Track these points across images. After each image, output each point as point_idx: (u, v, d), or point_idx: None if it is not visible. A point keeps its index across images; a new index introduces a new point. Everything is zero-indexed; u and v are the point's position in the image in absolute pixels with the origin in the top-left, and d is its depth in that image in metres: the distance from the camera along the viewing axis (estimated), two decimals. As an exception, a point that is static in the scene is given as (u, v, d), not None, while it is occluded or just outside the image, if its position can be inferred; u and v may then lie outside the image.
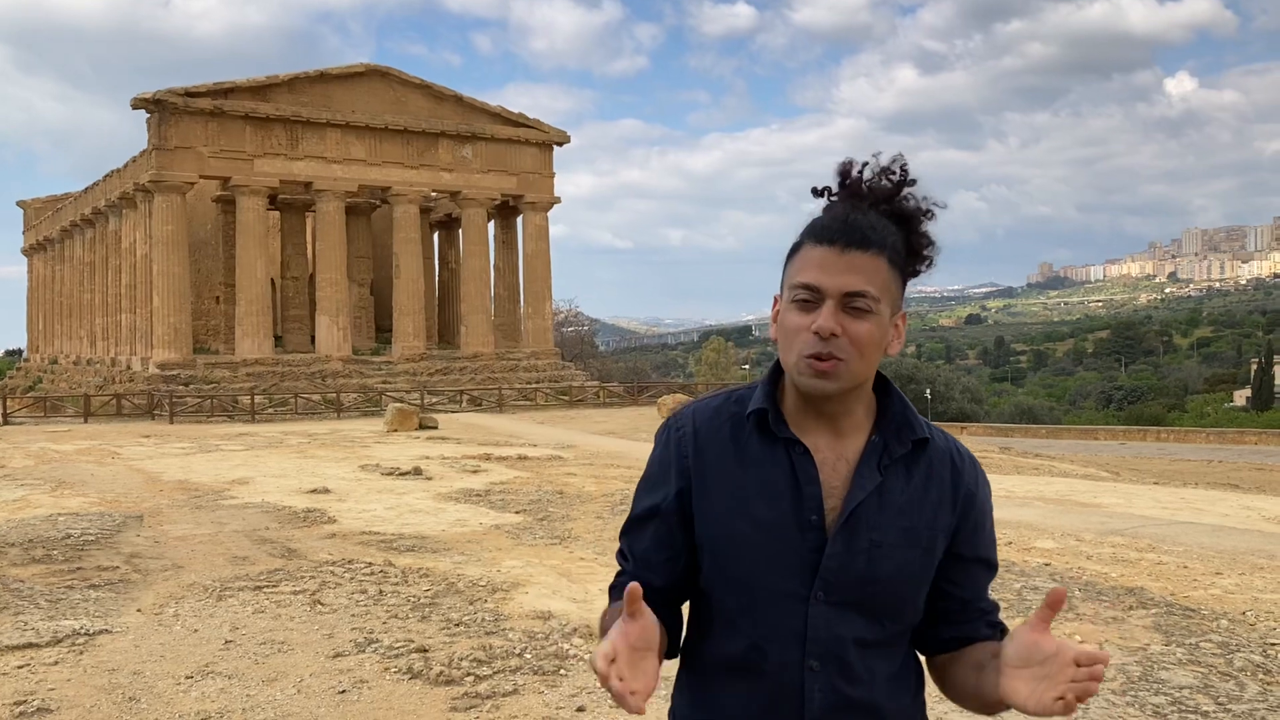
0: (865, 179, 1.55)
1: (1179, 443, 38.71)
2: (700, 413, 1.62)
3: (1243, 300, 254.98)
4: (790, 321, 1.52)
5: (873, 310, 1.49)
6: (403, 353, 44.59)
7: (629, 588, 1.36)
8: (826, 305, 1.48)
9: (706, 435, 1.59)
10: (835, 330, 1.47)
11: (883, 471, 1.54)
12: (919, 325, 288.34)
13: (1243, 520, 11.59)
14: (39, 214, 65.66)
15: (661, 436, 1.64)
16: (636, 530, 1.64)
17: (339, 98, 43.30)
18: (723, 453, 1.57)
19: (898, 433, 1.57)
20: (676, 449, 1.60)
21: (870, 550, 1.51)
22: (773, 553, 1.52)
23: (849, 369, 1.49)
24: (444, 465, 17.69)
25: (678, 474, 1.59)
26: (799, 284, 1.51)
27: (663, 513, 1.60)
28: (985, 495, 1.64)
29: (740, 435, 1.57)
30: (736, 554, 1.54)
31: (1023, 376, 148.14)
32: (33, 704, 5.10)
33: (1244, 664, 5.53)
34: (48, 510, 12.27)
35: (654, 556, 1.61)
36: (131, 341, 45.42)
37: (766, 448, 1.56)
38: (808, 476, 1.53)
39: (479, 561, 9.00)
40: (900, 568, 1.53)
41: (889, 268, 1.51)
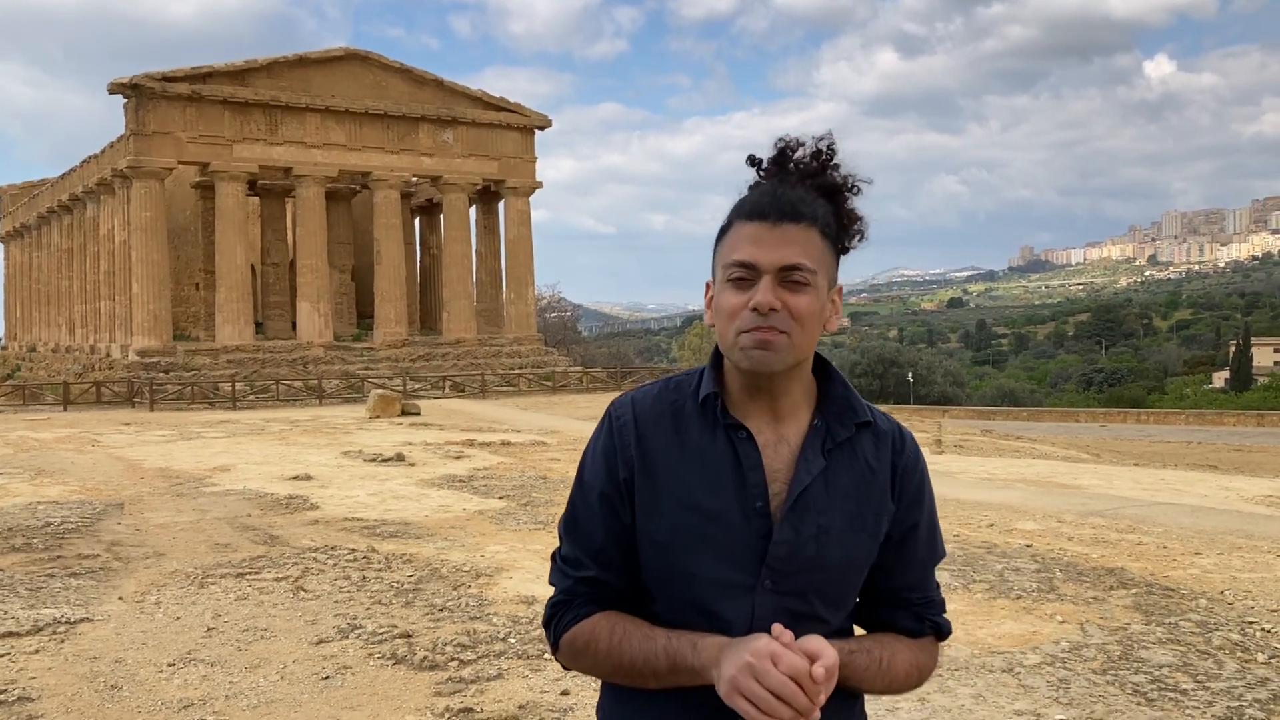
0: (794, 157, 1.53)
1: (1158, 424, 39.02)
2: (640, 401, 1.56)
3: (1222, 283, 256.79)
4: (727, 301, 1.48)
5: (810, 283, 1.47)
6: (385, 339, 44.42)
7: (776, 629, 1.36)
8: (764, 280, 1.45)
9: (647, 423, 1.53)
10: (775, 304, 1.45)
11: (827, 455, 1.51)
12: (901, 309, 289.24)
13: (1221, 501, 11.70)
14: (15, 200, 65.00)
15: (602, 426, 1.58)
16: (586, 526, 1.55)
17: (318, 82, 42.97)
18: (665, 441, 1.52)
19: (840, 416, 1.54)
20: (619, 438, 1.54)
21: (818, 536, 1.48)
22: (718, 542, 1.47)
23: (790, 342, 1.46)
24: (427, 451, 17.65)
25: (622, 464, 1.52)
26: (734, 262, 1.47)
27: (614, 504, 1.53)
28: (928, 481, 1.62)
29: (681, 423, 1.53)
30: (681, 545, 1.48)
31: (1004, 359, 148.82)
32: (13, 693, 5.07)
33: (1222, 642, 5.58)
34: (27, 499, 12.18)
35: (612, 553, 1.54)
36: (111, 329, 45.08)
37: (708, 434, 1.51)
38: (751, 462, 1.49)
39: (462, 547, 8.99)
40: (849, 554, 1.50)
41: (822, 240, 1.49)
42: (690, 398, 1.54)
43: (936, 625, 1.61)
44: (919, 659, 1.59)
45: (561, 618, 1.55)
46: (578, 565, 1.55)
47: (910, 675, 1.57)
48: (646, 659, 1.46)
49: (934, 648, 1.62)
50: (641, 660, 1.47)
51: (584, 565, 1.54)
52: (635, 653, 1.47)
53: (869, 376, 65.48)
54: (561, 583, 1.56)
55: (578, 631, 1.53)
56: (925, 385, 64.59)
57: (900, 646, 1.57)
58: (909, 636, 1.60)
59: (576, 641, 1.53)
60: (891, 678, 1.54)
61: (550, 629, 1.57)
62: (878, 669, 1.52)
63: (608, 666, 1.50)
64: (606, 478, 1.53)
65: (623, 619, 1.52)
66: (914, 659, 1.58)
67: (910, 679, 1.57)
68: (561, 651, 1.56)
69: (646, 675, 1.47)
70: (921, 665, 1.59)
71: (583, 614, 1.54)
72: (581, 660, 1.54)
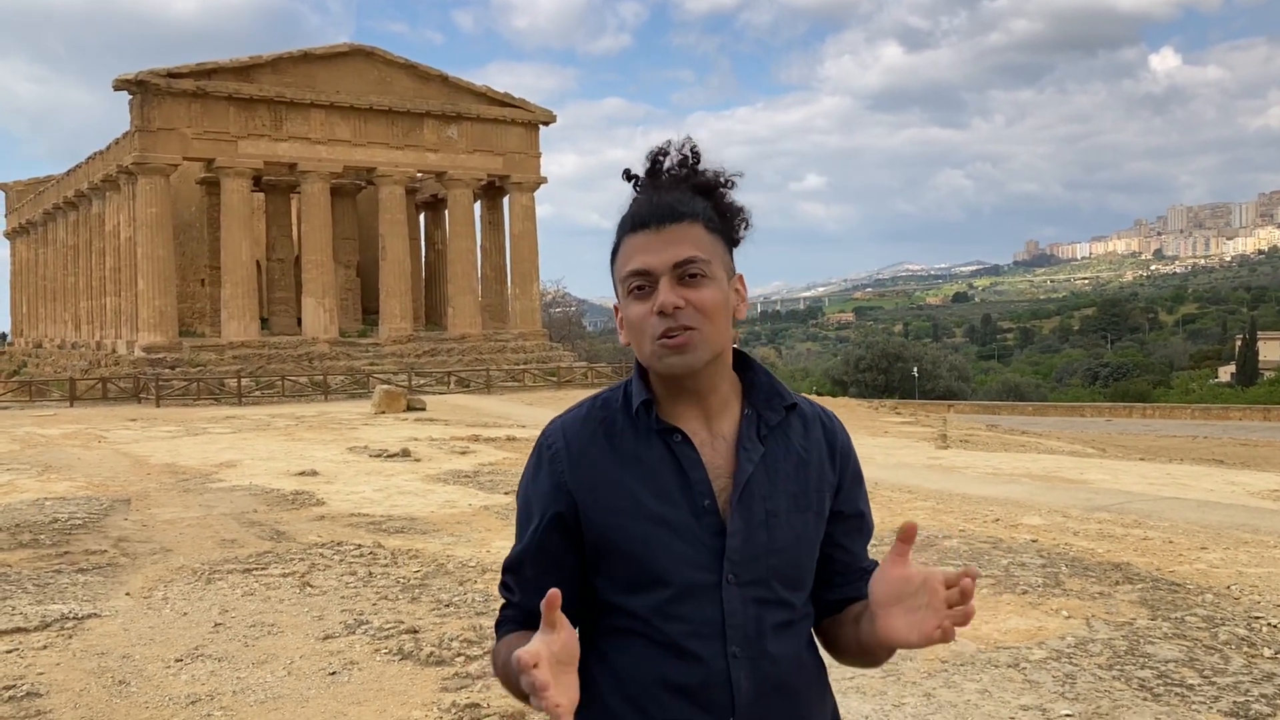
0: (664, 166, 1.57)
1: (1164, 419, 38.95)
2: (569, 425, 1.58)
3: (1228, 277, 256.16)
4: (632, 313, 1.51)
5: (707, 273, 1.49)
6: (390, 334, 44.47)
7: (549, 594, 1.32)
8: (661, 282, 1.48)
9: (580, 446, 1.54)
10: (677, 302, 1.47)
11: (763, 441, 1.55)
12: (906, 304, 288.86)
13: (1227, 495, 11.68)
14: (20, 197, 65.12)
15: (533, 459, 1.59)
16: (521, 558, 1.58)
17: (323, 78, 42.99)
18: (601, 459, 1.53)
19: (768, 401, 1.57)
20: (550, 466, 1.55)
21: (768, 521, 1.51)
22: (676, 547, 1.49)
23: (703, 336, 1.48)
24: (432, 447, 17.68)
25: (555, 491, 1.54)
26: (629, 273, 1.51)
27: (547, 536, 1.54)
28: (855, 454, 1.67)
29: (614, 438, 1.54)
30: (640, 556, 1.49)
31: (1009, 354, 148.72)
32: (22, 688, 5.09)
33: (1229, 637, 5.58)
34: (34, 495, 12.22)
35: (546, 582, 1.51)
36: (116, 325, 45.17)
37: (643, 443, 1.53)
38: (691, 462, 1.51)
39: (468, 542, 9.01)
40: (798, 535, 1.54)
41: (708, 233, 1.52)
42: (620, 411, 1.56)
43: None
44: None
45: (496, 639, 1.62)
46: (509, 591, 1.60)
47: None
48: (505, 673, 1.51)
49: None
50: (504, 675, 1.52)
51: (512, 592, 1.59)
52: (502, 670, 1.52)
53: (874, 371, 65.43)
54: (502, 608, 1.62)
55: (493, 653, 1.60)
56: (930, 380, 64.52)
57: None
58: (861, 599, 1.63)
59: (493, 662, 1.60)
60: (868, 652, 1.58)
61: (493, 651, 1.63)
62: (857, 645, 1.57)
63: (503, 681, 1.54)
64: (540, 511, 1.55)
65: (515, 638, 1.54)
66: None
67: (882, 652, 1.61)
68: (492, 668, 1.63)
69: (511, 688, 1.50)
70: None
71: (502, 635, 1.59)
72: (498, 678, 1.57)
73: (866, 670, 5.09)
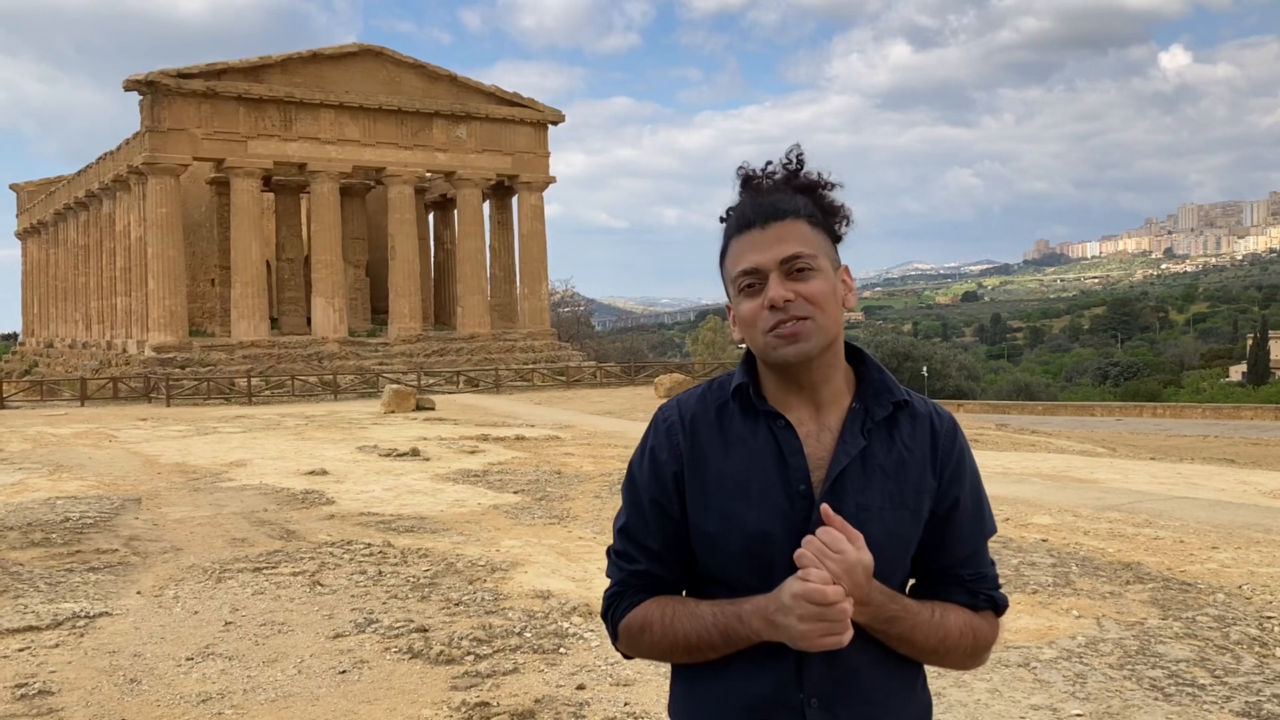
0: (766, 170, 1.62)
1: (1175, 418, 38.79)
2: (685, 402, 1.65)
3: (1239, 275, 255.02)
4: (745, 310, 1.57)
5: (815, 267, 1.55)
6: (399, 334, 44.53)
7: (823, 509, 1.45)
8: (771, 278, 1.54)
9: (694, 421, 1.61)
10: (788, 295, 1.52)
11: (866, 435, 1.57)
12: (915, 303, 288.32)
13: (1239, 495, 11.63)
14: (32, 197, 65.37)
15: (650, 430, 1.66)
16: (639, 524, 1.63)
17: (332, 78, 43.07)
18: (710, 437, 1.60)
19: (877, 397, 1.60)
20: (668, 438, 1.62)
21: (858, 514, 1.52)
22: (767, 527, 1.53)
23: (816, 326, 1.53)
24: (441, 446, 17.70)
25: (672, 459, 1.60)
26: (740, 273, 1.57)
27: (665, 503, 1.61)
28: (969, 456, 1.65)
29: (724, 419, 1.61)
30: (734, 534, 1.54)
31: (1019, 353, 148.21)
32: (34, 686, 5.11)
33: (1240, 637, 5.56)
34: (46, 494, 12.27)
35: (665, 550, 1.62)
36: (127, 324, 45.32)
37: (749, 426, 1.59)
38: (792, 448, 1.56)
39: (478, 541, 9.02)
40: (890, 531, 1.55)
41: (812, 228, 1.57)
42: (731, 395, 1.62)
43: (992, 599, 1.64)
44: (973, 621, 1.61)
45: (616, 607, 1.64)
46: (630, 559, 1.63)
47: (965, 635, 1.59)
48: (700, 634, 1.54)
49: (994, 620, 1.65)
50: (695, 637, 1.54)
51: (635, 559, 1.63)
52: (688, 630, 1.55)
53: (883, 371, 65.26)
54: (616, 575, 1.65)
55: (632, 618, 1.61)
56: (940, 379, 64.38)
57: (952, 608, 1.60)
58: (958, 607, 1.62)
59: (632, 628, 1.61)
60: (945, 632, 1.56)
61: (607, 619, 1.66)
62: (930, 617, 1.56)
63: (664, 647, 1.58)
64: (654, 479, 1.61)
65: (672, 601, 1.60)
66: (967, 620, 1.60)
67: (965, 640, 1.59)
68: (620, 639, 1.64)
69: (704, 649, 1.55)
70: (977, 629, 1.61)
71: (635, 601, 1.62)
72: (639, 645, 1.61)
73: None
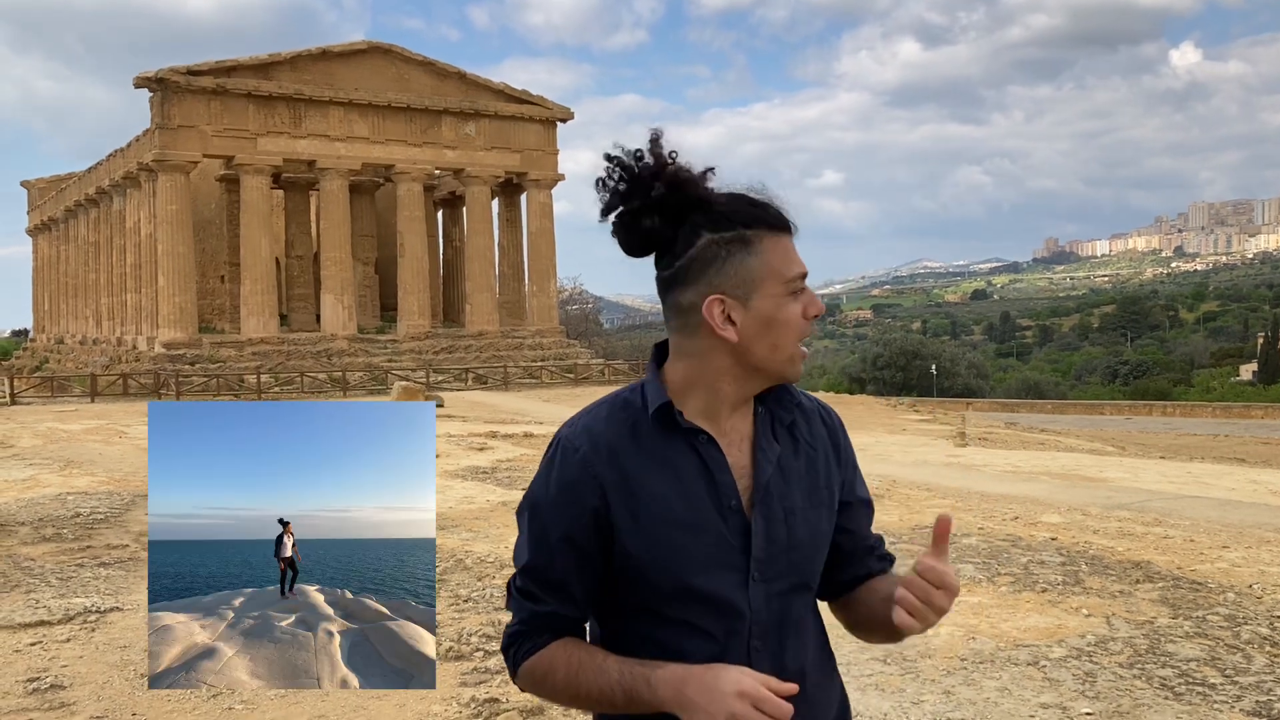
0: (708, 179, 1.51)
1: (1185, 417, 38.69)
2: (593, 427, 1.53)
3: (1249, 274, 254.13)
4: (793, 314, 1.50)
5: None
6: (408, 331, 44.61)
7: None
8: (808, 290, 1.52)
9: (612, 449, 1.50)
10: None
11: (778, 440, 1.57)
12: (924, 301, 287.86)
13: (1249, 494, 11.60)
14: (43, 194, 65.65)
15: (553, 458, 1.53)
16: (546, 563, 1.52)
17: (341, 75, 43.16)
18: (632, 461, 1.50)
19: (779, 400, 1.59)
20: (583, 470, 1.49)
21: (786, 518, 1.53)
22: (704, 550, 1.49)
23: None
24: (450, 443, 17.73)
25: (591, 494, 1.49)
26: (799, 275, 1.51)
27: (581, 540, 1.50)
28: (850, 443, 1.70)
29: (640, 439, 1.51)
30: (671, 561, 1.49)
31: (1028, 352, 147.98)
32: (46, 680, 5.14)
33: (1251, 636, 5.54)
34: (56, 489, 12.32)
35: (574, 587, 1.53)
36: (137, 321, 45.49)
37: (668, 445, 1.51)
38: (718, 464, 1.51)
39: (487, 538, 9.03)
40: (813, 530, 1.57)
41: None
42: (642, 413, 1.53)
43: (892, 559, 1.72)
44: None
45: (519, 647, 1.56)
46: (534, 599, 1.54)
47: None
48: (602, 691, 1.47)
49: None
50: (597, 692, 1.48)
51: (540, 599, 1.53)
52: (590, 685, 1.49)
53: (892, 369, 65.22)
54: (519, 613, 1.56)
55: (535, 662, 1.53)
56: (949, 378, 64.28)
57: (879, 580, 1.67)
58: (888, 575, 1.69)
59: (535, 672, 1.54)
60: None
61: (508, 657, 1.57)
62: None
63: (566, 697, 1.52)
64: (566, 515, 1.50)
65: (578, 648, 1.53)
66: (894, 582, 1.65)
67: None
68: (520, 679, 1.57)
69: (604, 706, 1.49)
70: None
71: (540, 644, 1.54)
72: (541, 689, 1.55)
73: (886, 668, 5.08)
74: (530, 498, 1.56)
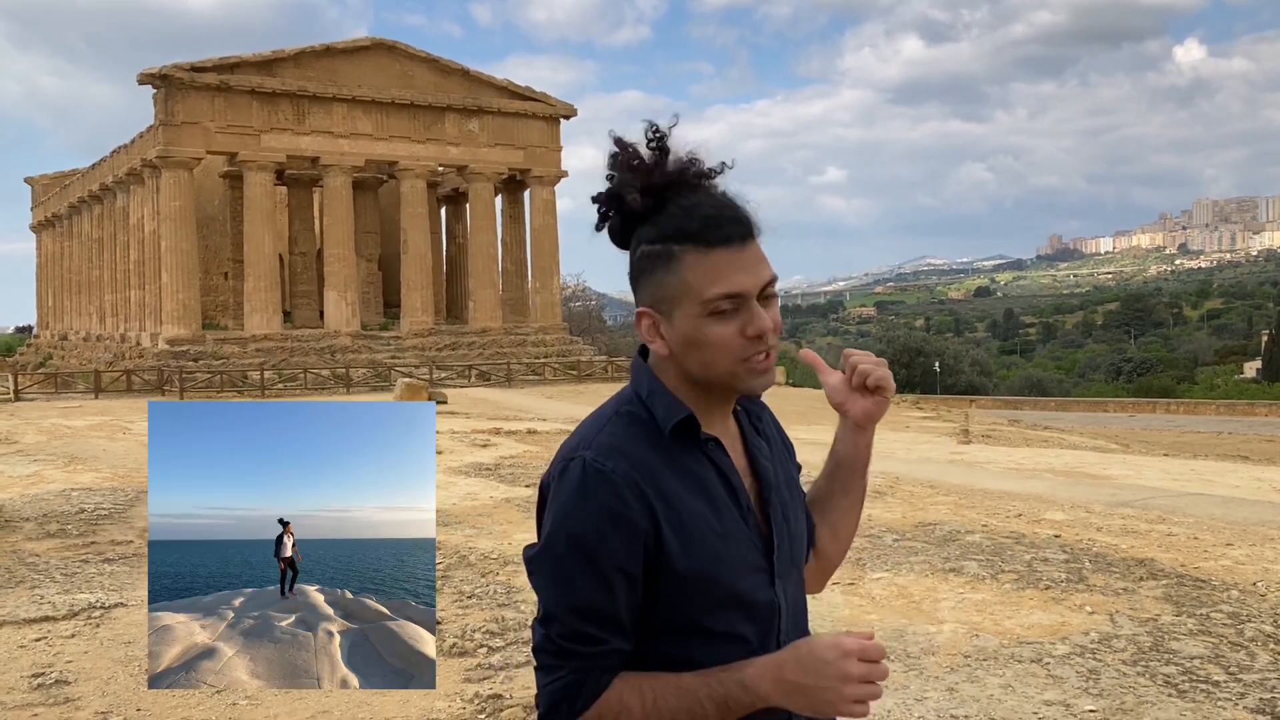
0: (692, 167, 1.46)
1: (1189, 415, 38.63)
2: (620, 447, 1.43)
3: (1254, 272, 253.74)
4: (714, 335, 1.41)
5: (775, 292, 1.47)
6: (411, 328, 44.63)
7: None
8: (754, 306, 1.42)
9: (648, 465, 1.43)
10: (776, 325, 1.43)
11: (762, 437, 1.61)
12: (928, 298, 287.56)
13: (1253, 492, 11.58)
14: (47, 190, 65.72)
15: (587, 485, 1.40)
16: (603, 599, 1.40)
17: (345, 72, 43.15)
18: (667, 479, 1.43)
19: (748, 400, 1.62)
20: (631, 492, 1.39)
21: (784, 510, 1.55)
22: (740, 556, 1.47)
23: (776, 354, 1.48)
24: (454, 440, 17.74)
25: (642, 516, 1.39)
26: (721, 295, 1.40)
27: (633, 569, 1.40)
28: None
29: (666, 454, 1.45)
30: (717, 573, 1.45)
31: (1032, 349, 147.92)
32: (51, 675, 5.15)
33: (1255, 634, 5.53)
34: (61, 485, 12.34)
35: (626, 619, 1.42)
36: (141, 317, 45.54)
37: (688, 456, 1.47)
38: (729, 468, 1.49)
39: (490, 535, 9.04)
40: (799, 518, 1.60)
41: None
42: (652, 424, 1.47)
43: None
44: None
45: (576, 698, 1.40)
46: (593, 641, 1.40)
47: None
48: (691, 710, 1.39)
49: None
50: (686, 714, 1.39)
51: (601, 640, 1.40)
52: (675, 709, 1.40)
53: (895, 366, 64.85)
54: (568, 661, 1.41)
55: (602, 708, 1.40)
56: (952, 375, 64.23)
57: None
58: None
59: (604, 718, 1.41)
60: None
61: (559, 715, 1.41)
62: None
63: None
64: (622, 545, 1.39)
65: (641, 679, 1.43)
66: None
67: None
68: None
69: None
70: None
71: (602, 686, 1.41)
72: None
73: (889, 665, 5.08)
74: (566, 531, 1.40)
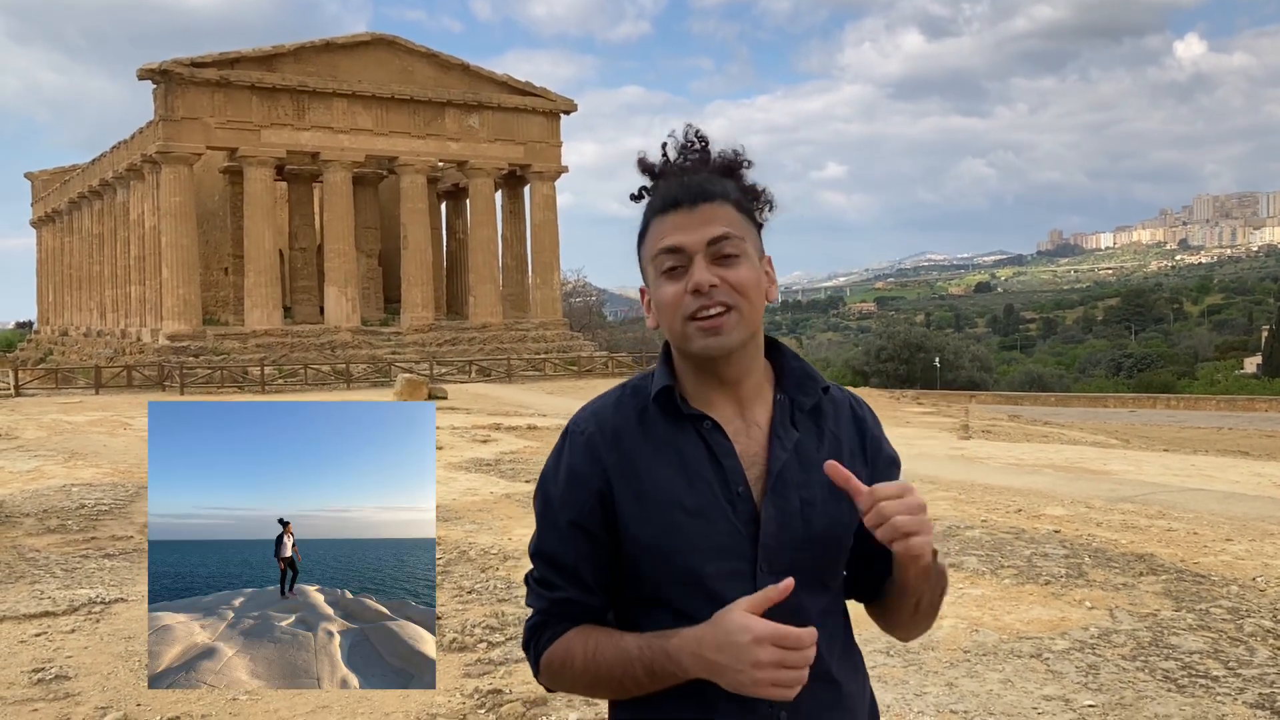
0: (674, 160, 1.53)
1: (1189, 410, 38.66)
2: (601, 411, 1.53)
3: (1254, 267, 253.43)
4: (665, 293, 1.47)
5: (741, 252, 1.46)
6: (411, 323, 44.63)
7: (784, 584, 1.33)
8: (696, 260, 1.45)
9: (617, 432, 1.50)
10: (713, 280, 1.43)
11: (797, 427, 1.52)
12: (928, 293, 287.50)
13: (1253, 487, 11.59)
14: (47, 186, 65.69)
15: (562, 444, 1.53)
16: (558, 548, 1.51)
17: (345, 67, 43.10)
18: (637, 447, 1.49)
19: (800, 386, 1.54)
20: (586, 452, 1.49)
21: (803, 510, 1.48)
22: (712, 537, 1.45)
23: (740, 317, 1.45)
24: (454, 435, 17.75)
25: (595, 477, 1.48)
26: (660, 250, 1.47)
27: (588, 524, 1.49)
28: (886, 439, 1.63)
29: (647, 425, 1.50)
30: (677, 547, 1.45)
31: (1032, 344, 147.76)
32: (51, 670, 5.16)
33: (1254, 629, 5.54)
34: (61, 481, 12.35)
35: (587, 574, 1.50)
36: (141, 313, 45.53)
37: (675, 431, 1.49)
38: (724, 450, 1.48)
39: (490, 530, 9.05)
40: (833, 522, 1.50)
41: (738, 212, 1.49)
42: (650, 399, 1.51)
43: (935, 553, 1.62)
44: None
45: (539, 639, 1.53)
46: (550, 586, 1.52)
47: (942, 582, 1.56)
48: (625, 669, 1.44)
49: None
50: (620, 671, 1.45)
51: (556, 586, 1.51)
52: (611, 664, 1.45)
53: (895, 361, 65.16)
54: (537, 604, 1.54)
55: (554, 650, 1.50)
56: (952, 370, 64.21)
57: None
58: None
59: (554, 661, 1.50)
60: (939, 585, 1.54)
61: (529, 651, 1.55)
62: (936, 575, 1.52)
63: (587, 681, 1.48)
64: (573, 500, 1.49)
65: (595, 632, 1.49)
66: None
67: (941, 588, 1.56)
68: (542, 673, 1.53)
69: (628, 686, 1.45)
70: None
71: (559, 632, 1.51)
72: (561, 680, 1.51)
73: (889, 660, 5.09)
74: (541, 484, 1.55)
